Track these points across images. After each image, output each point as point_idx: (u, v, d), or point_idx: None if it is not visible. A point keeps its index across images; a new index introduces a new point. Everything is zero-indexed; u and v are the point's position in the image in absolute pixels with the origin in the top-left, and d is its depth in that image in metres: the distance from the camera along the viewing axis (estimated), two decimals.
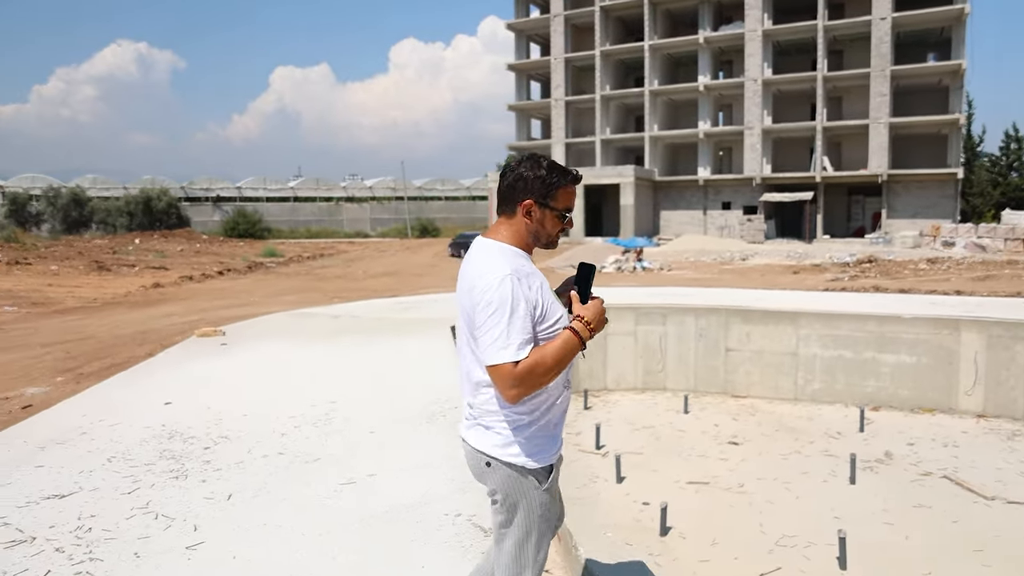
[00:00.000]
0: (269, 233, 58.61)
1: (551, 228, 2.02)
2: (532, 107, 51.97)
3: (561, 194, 2.00)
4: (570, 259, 26.99)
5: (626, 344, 10.54)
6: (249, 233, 56.01)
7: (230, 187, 67.83)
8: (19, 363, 8.78)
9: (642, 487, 6.66)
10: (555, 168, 2.01)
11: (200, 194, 66.27)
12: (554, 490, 2.07)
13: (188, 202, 64.93)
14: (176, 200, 62.73)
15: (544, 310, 1.96)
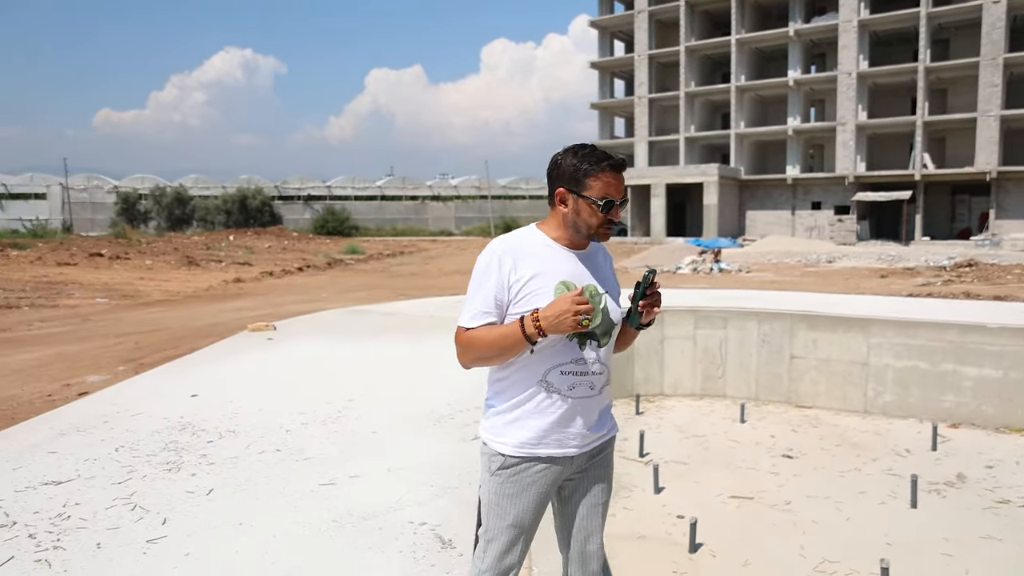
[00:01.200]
0: (356, 231, 60.23)
1: (589, 218, 1.88)
2: (615, 105, 51.26)
3: (594, 182, 1.86)
4: (645, 259, 26.46)
5: (684, 348, 10.14)
6: (337, 231, 57.72)
7: (320, 186, 70.22)
8: (92, 352, 9.26)
9: (680, 499, 6.34)
10: (591, 155, 1.87)
11: (292, 193, 68.88)
12: (529, 498, 1.94)
13: (281, 200, 67.61)
14: (269, 199, 65.42)
15: (518, 293, 1.87)
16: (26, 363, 8.59)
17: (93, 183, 68.78)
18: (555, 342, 1.89)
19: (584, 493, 2.03)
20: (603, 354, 1.96)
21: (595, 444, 2.02)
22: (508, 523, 1.94)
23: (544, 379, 1.90)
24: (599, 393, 1.98)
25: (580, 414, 1.94)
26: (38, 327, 11.88)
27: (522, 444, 1.92)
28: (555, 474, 1.97)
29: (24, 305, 14.92)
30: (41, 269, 22.06)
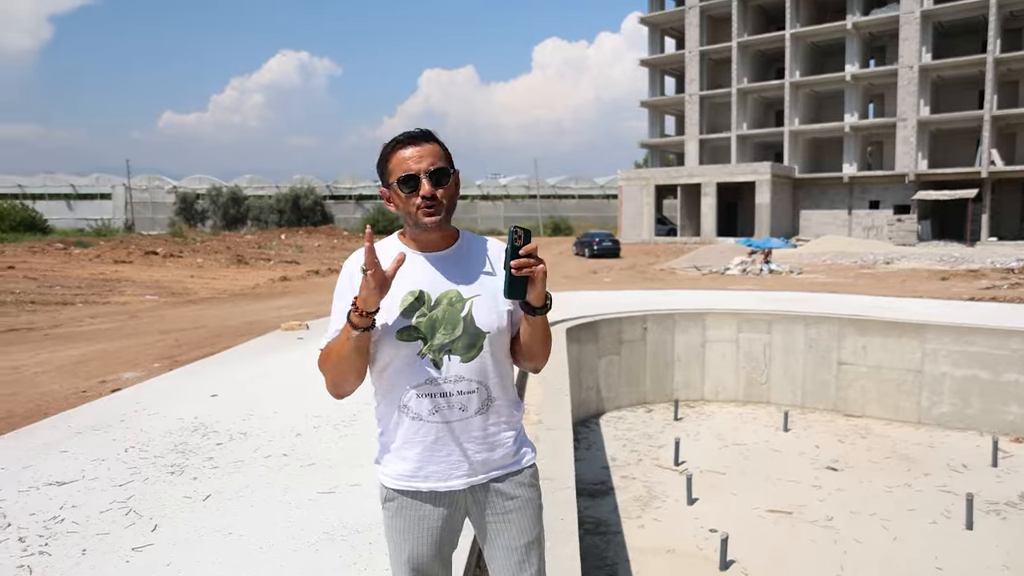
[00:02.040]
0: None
1: (403, 204, 1.62)
2: (665, 103, 50.42)
3: (392, 164, 1.62)
4: (692, 259, 25.87)
5: (726, 352, 9.78)
6: (387, 230, 58.10)
7: (372, 185, 71.10)
8: (133, 349, 9.41)
9: (714, 511, 6.06)
10: (389, 141, 1.66)
11: (344, 192, 69.92)
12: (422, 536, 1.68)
13: (332, 200, 68.69)
14: (321, 198, 66.51)
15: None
16: (70, 359, 8.77)
17: (154, 183, 71.00)
18: (405, 360, 1.61)
19: (497, 534, 1.72)
20: (473, 369, 1.62)
21: (493, 475, 1.69)
22: (403, 561, 1.71)
23: (402, 403, 1.64)
24: (475, 415, 1.64)
25: (455, 441, 1.64)
26: (88, 323, 12.18)
27: (399, 476, 1.67)
28: (450, 512, 1.69)
29: (78, 302, 15.36)
30: (99, 267, 22.76)
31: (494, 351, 1.65)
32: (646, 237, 44.06)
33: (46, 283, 18.19)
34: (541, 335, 1.66)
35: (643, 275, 21.98)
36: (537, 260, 1.51)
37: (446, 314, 1.61)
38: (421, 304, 1.62)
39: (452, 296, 1.63)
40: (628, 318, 9.49)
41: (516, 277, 1.50)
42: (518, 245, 1.50)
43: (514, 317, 1.67)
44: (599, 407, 9.27)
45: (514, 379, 1.76)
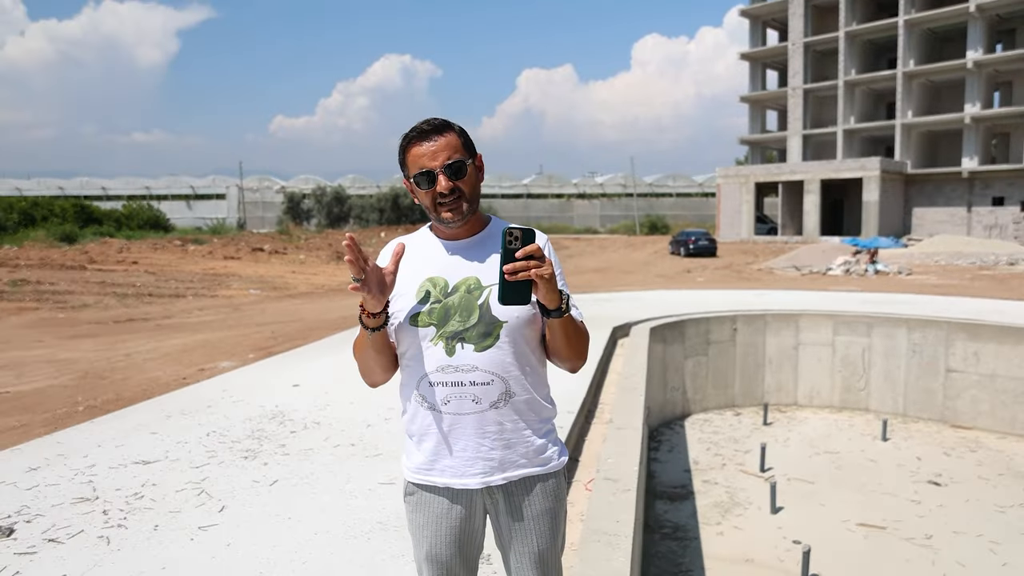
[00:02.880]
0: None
1: (422, 198, 1.61)
2: (767, 97, 48.57)
3: (409, 160, 1.60)
4: (793, 259, 24.77)
5: (822, 356, 9.30)
6: None
7: None
8: (233, 339, 9.92)
9: (799, 522, 5.77)
10: (405, 134, 1.63)
11: None
12: (441, 533, 1.64)
13: None
14: None
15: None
16: (175, 348, 9.34)
17: (264, 184, 74.74)
18: (419, 346, 1.58)
19: (512, 539, 1.67)
20: (489, 360, 1.56)
21: (511, 476, 1.62)
22: (423, 557, 1.68)
23: (418, 391, 1.61)
24: (490, 409, 1.57)
25: (467, 436, 1.58)
26: (196, 315, 12.95)
27: (417, 468, 1.64)
28: (469, 509, 1.64)
29: (189, 295, 16.36)
30: (210, 262, 24.18)
31: (514, 342, 1.58)
32: (745, 236, 42.63)
33: (163, 277, 19.49)
34: (562, 337, 1.58)
35: (739, 275, 21.26)
36: (538, 262, 1.43)
37: (462, 301, 1.58)
38: (437, 290, 1.59)
39: (471, 283, 1.59)
40: (716, 318, 9.19)
41: (510, 282, 1.43)
42: (513, 248, 1.43)
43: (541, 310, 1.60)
44: (684, 409, 9.03)
45: (545, 378, 1.69)
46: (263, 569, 2.47)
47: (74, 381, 7.26)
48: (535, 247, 1.44)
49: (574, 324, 1.60)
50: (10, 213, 35.56)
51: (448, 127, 1.62)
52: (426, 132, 1.60)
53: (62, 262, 21.74)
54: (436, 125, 1.61)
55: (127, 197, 63.46)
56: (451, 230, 1.64)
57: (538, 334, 1.64)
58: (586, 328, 1.68)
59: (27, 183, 71.18)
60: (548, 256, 1.65)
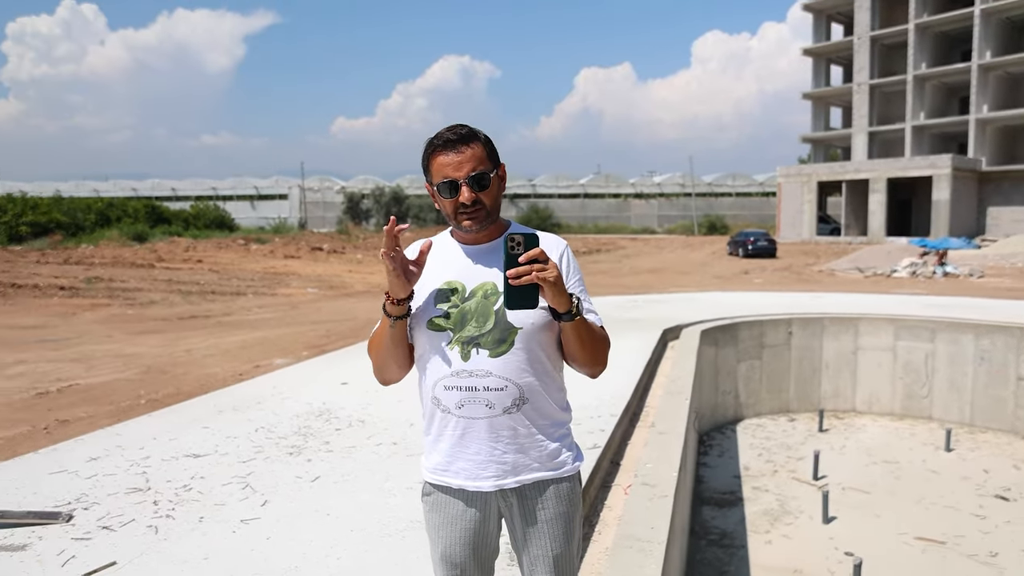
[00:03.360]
0: (558, 228, 61.22)
1: (444, 206, 1.62)
2: (831, 94, 47.15)
3: (433, 167, 1.61)
4: (856, 260, 23.98)
5: (882, 361, 8.98)
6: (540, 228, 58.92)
7: (526, 184, 72.39)
8: (289, 337, 10.19)
9: (852, 533, 5.59)
10: (430, 140, 1.64)
11: None
12: (455, 534, 1.66)
13: None
14: None
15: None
16: (234, 344, 9.65)
17: (325, 184, 76.41)
18: (435, 350, 1.60)
19: (525, 542, 1.68)
20: (503, 365, 1.57)
21: (524, 480, 1.63)
22: (438, 558, 1.70)
23: (434, 395, 1.63)
24: (503, 414, 1.58)
25: (480, 439, 1.59)
26: (255, 313, 13.34)
27: (434, 468, 1.67)
28: (483, 512, 1.65)
29: (250, 293, 16.86)
30: (271, 261, 24.88)
31: (529, 348, 1.59)
32: (806, 236, 41.50)
33: (225, 276, 20.14)
34: (576, 341, 1.58)
35: (799, 277, 20.72)
36: (542, 266, 1.44)
37: (479, 306, 1.59)
38: (455, 295, 1.61)
39: (487, 288, 1.60)
40: (771, 321, 8.98)
41: (516, 287, 1.45)
42: (515, 253, 1.44)
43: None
44: (736, 413, 8.85)
45: (561, 383, 1.69)
46: (298, 563, 2.54)
47: (138, 375, 7.58)
48: (537, 251, 1.45)
49: (588, 328, 1.59)
50: (88, 214, 37.29)
51: (474, 137, 1.63)
52: (452, 142, 1.61)
53: (133, 260, 22.70)
54: (462, 135, 1.62)
55: (195, 198, 65.72)
56: (470, 236, 1.66)
57: (554, 340, 1.64)
58: (605, 333, 1.67)
59: (104, 185, 74.54)
60: (567, 261, 1.68)
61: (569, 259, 1.69)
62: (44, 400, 6.59)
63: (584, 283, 1.71)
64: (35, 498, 3.20)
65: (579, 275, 1.70)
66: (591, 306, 1.68)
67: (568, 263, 1.68)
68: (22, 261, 21.39)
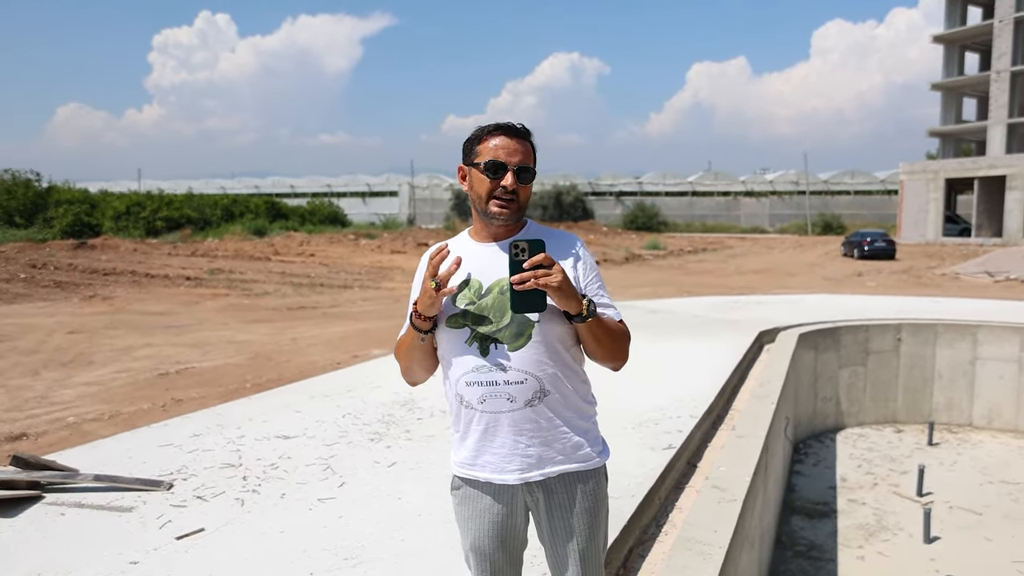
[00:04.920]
0: (665, 227, 60.10)
1: (478, 187, 1.64)
2: (964, 84, 43.77)
3: (482, 147, 1.63)
4: (986, 263, 22.21)
5: (1005, 372, 8.32)
6: (646, 226, 58.20)
7: (632, 182, 71.53)
8: (387, 329, 10.58)
9: (958, 555, 5.24)
10: (486, 125, 1.68)
11: (604, 189, 71.15)
12: (483, 526, 1.70)
13: (594, 196, 70.17)
14: (583, 194, 68.27)
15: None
16: (337, 335, 10.13)
17: (434, 182, 78.35)
18: (456, 347, 1.62)
19: (551, 534, 1.69)
20: (522, 359, 1.59)
21: (549, 473, 1.65)
22: (467, 548, 1.74)
23: (456, 391, 1.66)
24: (525, 407, 1.60)
25: (504, 433, 1.61)
26: (359, 305, 13.93)
27: (461, 463, 1.70)
28: (510, 504, 1.68)
29: (356, 286, 17.61)
30: (378, 256, 25.83)
31: (547, 341, 1.61)
32: (931, 237, 38.79)
33: (335, 269, 21.11)
34: (591, 339, 1.61)
35: (918, 280, 19.43)
36: (546, 271, 1.47)
37: (495, 302, 1.62)
38: (472, 292, 1.64)
39: (503, 284, 1.62)
40: (877, 326, 8.51)
41: (521, 292, 1.48)
42: (520, 259, 1.48)
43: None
44: (837, 421, 8.45)
45: (583, 375, 1.71)
46: (365, 542, 2.68)
47: (246, 361, 8.12)
48: (541, 257, 1.48)
49: (603, 327, 1.61)
50: (215, 209, 39.98)
51: (529, 135, 1.69)
52: (513, 129, 1.66)
53: (252, 253, 24.18)
54: (519, 129, 1.68)
55: (311, 194, 69.04)
56: (489, 229, 1.69)
57: (572, 333, 1.65)
58: (624, 328, 1.69)
59: (230, 182, 79.57)
60: (581, 260, 1.70)
61: (583, 257, 1.71)
62: (164, 380, 7.18)
63: (602, 278, 1.73)
64: (144, 467, 3.52)
65: (595, 271, 1.72)
66: (608, 300, 1.70)
67: (583, 261, 1.70)
68: (156, 253, 23.23)
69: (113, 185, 60.70)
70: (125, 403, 6.27)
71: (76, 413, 6.03)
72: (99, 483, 3.28)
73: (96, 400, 6.47)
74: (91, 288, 15.32)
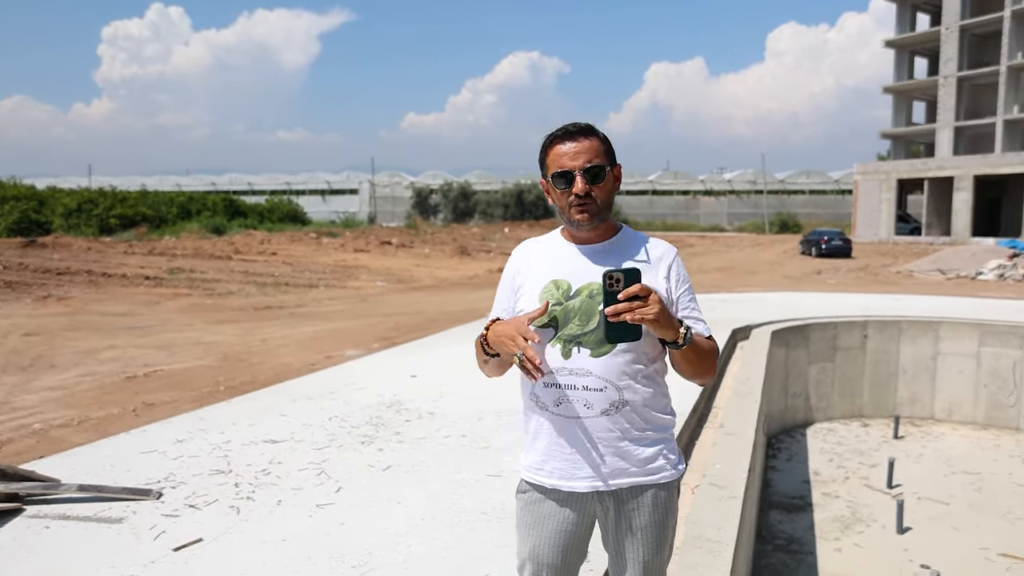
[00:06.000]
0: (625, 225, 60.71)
1: (556, 199, 1.62)
2: (914, 87, 45.10)
3: (549, 159, 1.61)
4: (938, 262, 22.94)
5: (964, 368, 8.60)
6: None
7: None
8: (359, 329, 10.45)
9: (929, 545, 5.39)
10: (551, 132, 1.65)
11: None
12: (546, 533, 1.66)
13: None
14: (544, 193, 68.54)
15: (517, 293, 1.69)
16: (307, 335, 9.97)
17: (394, 180, 77.77)
18: (537, 346, 1.56)
19: (616, 546, 1.67)
20: (604, 366, 1.55)
21: (620, 484, 1.60)
22: (526, 555, 1.70)
23: (533, 391, 1.63)
24: (601, 415, 1.56)
25: (579, 440, 1.58)
26: (326, 304, 13.74)
27: (529, 466, 1.67)
28: (576, 513, 1.64)
29: (321, 285, 17.36)
30: (342, 254, 25.52)
31: (632, 352, 1.57)
32: (884, 236, 39.91)
33: (298, 268, 20.78)
34: (683, 362, 1.57)
35: (875, 278, 19.96)
36: (641, 303, 1.42)
37: (583, 305, 1.58)
38: (560, 292, 1.61)
39: (593, 288, 1.58)
40: (845, 323, 8.72)
41: (614, 323, 1.44)
42: (615, 290, 1.43)
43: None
44: (807, 417, 8.63)
45: (664, 388, 1.67)
46: (371, 549, 2.63)
47: (217, 362, 7.93)
48: (636, 288, 1.43)
49: (695, 349, 1.56)
50: (170, 207, 39.04)
51: (592, 131, 1.64)
52: (571, 132, 1.62)
53: (211, 252, 23.65)
54: (581, 128, 1.63)
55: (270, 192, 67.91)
56: (581, 234, 1.66)
57: (659, 345, 1.60)
58: (713, 344, 1.64)
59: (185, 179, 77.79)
60: (675, 273, 1.64)
61: (678, 270, 1.66)
62: (133, 384, 6.97)
63: (693, 291, 1.69)
64: (128, 475, 3.41)
65: (687, 284, 1.67)
66: (699, 315, 1.66)
67: (676, 275, 1.65)
68: (111, 252, 22.57)
69: (62, 181, 58.82)
70: (93, 408, 6.07)
71: (42, 419, 5.81)
72: (84, 493, 3.16)
73: (61, 405, 6.25)
74: (44, 288, 14.81)
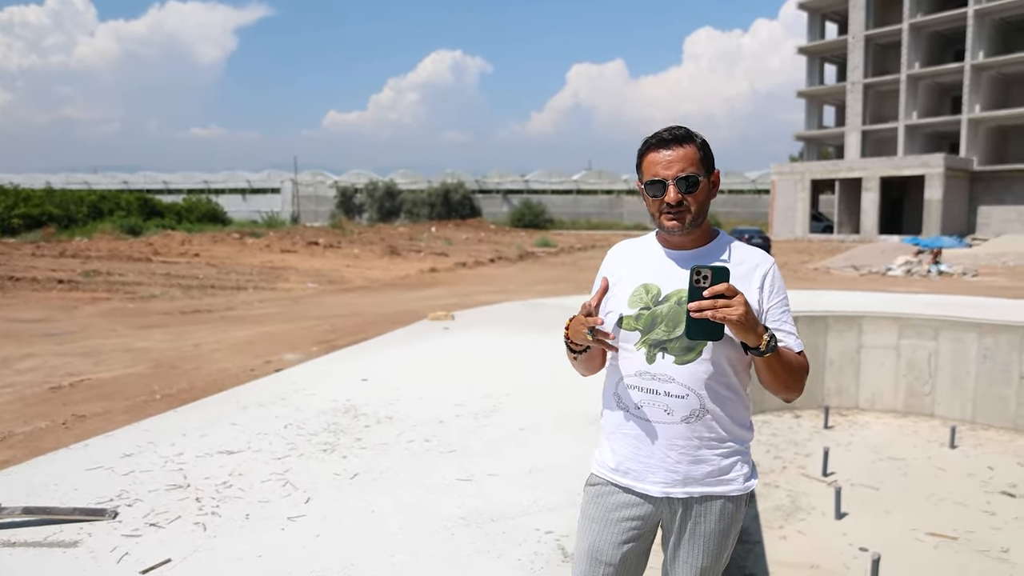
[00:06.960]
0: (551, 224, 61.26)
1: (650, 205, 1.64)
2: (824, 93, 47.41)
3: (644, 166, 1.63)
4: (851, 259, 24.20)
5: (885, 359, 9.08)
6: (533, 224, 59.10)
7: (518, 180, 72.41)
8: (294, 332, 10.19)
9: (865, 529, 5.67)
10: (645, 139, 1.66)
11: (492, 187, 71.65)
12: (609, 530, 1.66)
13: (481, 194, 70.53)
14: (470, 192, 68.44)
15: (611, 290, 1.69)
16: (241, 339, 9.65)
17: (318, 179, 76.10)
18: (623, 348, 1.62)
19: (678, 547, 1.69)
20: (687, 373, 1.56)
21: (692, 492, 1.62)
22: (584, 549, 1.70)
23: (615, 391, 1.66)
24: (681, 422, 1.58)
25: (657, 443, 1.60)
26: (257, 307, 13.33)
27: (602, 464, 1.69)
28: (642, 515, 1.65)
29: (250, 287, 16.83)
30: (268, 255, 24.81)
31: (716, 360, 1.58)
32: (799, 234, 41.77)
33: (224, 270, 20.08)
34: (767, 372, 1.56)
35: (795, 274, 20.86)
36: (726, 302, 1.41)
37: (671, 311, 1.59)
38: (649, 296, 1.62)
39: (683, 295, 1.57)
40: None
41: (696, 319, 1.43)
42: (700, 286, 1.42)
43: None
44: None
45: (745, 400, 1.68)
46: (353, 560, 2.57)
47: (148, 370, 7.58)
48: (723, 287, 1.42)
49: (780, 360, 1.55)
50: (80, 206, 37.03)
51: (689, 138, 1.63)
52: (666, 140, 1.62)
53: (129, 254, 22.58)
54: (678, 135, 1.62)
55: (187, 191, 65.38)
56: (674, 239, 1.67)
57: (745, 356, 1.60)
58: (803, 360, 1.63)
59: (94, 177, 73.94)
60: (769, 283, 1.63)
61: (772, 281, 1.64)
62: (58, 395, 6.59)
63: (788, 304, 1.67)
64: (76, 495, 3.22)
65: (782, 296, 1.65)
66: (791, 328, 1.65)
67: (771, 285, 1.64)
68: (17, 254, 21.24)
69: None
70: (18, 422, 5.70)
71: None
72: (30, 516, 2.97)
73: None
74: None
